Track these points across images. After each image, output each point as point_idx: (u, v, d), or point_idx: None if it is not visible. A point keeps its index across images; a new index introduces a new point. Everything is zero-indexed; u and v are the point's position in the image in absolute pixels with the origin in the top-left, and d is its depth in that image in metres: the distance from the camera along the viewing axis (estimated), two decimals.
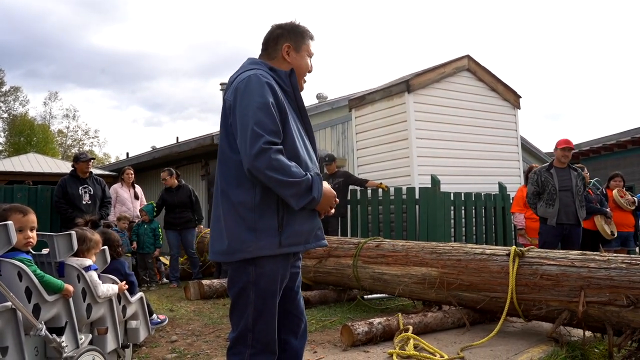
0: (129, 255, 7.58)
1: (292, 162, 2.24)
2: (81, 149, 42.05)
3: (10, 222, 2.75)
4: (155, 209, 8.33)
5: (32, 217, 3.01)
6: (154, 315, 4.52)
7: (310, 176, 2.26)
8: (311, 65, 2.63)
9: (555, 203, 6.42)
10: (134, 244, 7.92)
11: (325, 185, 2.37)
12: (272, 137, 2.19)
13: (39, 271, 2.89)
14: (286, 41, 2.54)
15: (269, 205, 2.27)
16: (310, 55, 2.62)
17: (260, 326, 2.32)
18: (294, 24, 2.59)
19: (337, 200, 2.46)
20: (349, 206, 8.76)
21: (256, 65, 2.45)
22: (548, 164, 6.75)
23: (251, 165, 2.18)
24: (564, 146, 6.51)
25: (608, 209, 7.40)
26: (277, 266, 2.30)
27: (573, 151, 6.60)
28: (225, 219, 2.33)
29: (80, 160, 7.41)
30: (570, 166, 6.57)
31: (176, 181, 8.31)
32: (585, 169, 7.67)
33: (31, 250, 3.15)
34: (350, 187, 8.65)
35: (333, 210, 2.46)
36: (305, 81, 2.65)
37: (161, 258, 8.98)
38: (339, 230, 8.58)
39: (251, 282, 2.29)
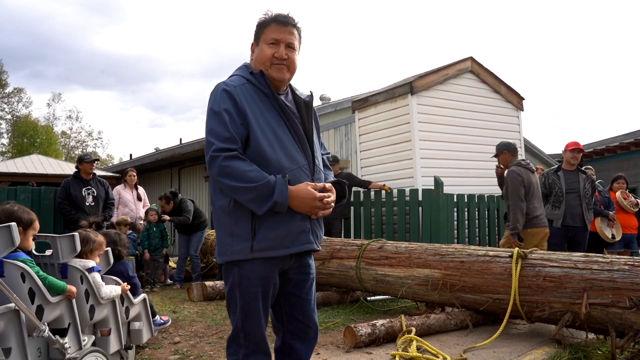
0: (132, 257, 7.58)
1: (254, 167, 2.20)
2: (84, 151, 42.14)
3: (13, 224, 2.77)
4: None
5: None
6: (157, 317, 4.52)
7: (272, 179, 2.19)
8: (276, 52, 2.37)
9: (561, 205, 6.44)
10: (147, 254, 7.92)
11: (302, 185, 2.27)
12: (223, 143, 2.20)
13: (41, 272, 2.91)
14: (254, 39, 2.48)
15: (244, 210, 2.26)
16: (268, 41, 2.37)
17: (248, 326, 2.33)
18: (261, 18, 2.44)
19: (329, 200, 2.33)
20: (352, 208, 8.76)
21: (237, 71, 2.47)
22: (556, 166, 6.76)
23: (208, 173, 2.26)
24: (573, 147, 6.51)
25: (612, 212, 7.37)
26: (255, 270, 2.29)
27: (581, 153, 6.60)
28: (215, 224, 2.41)
29: (85, 160, 7.41)
30: (579, 169, 6.57)
31: (172, 203, 8.32)
32: (592, 170, 7.66)
33: (34, 251, 3.17)
34: (354, 188, 8.64)
35: (328, 211, 2.35)
36: (280, 69, 2.38)
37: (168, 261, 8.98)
38: (342, 231, 8.58)
39: (236, 283, 2.32)
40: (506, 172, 6.05)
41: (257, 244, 2.26)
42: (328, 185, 2.39)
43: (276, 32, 2.39)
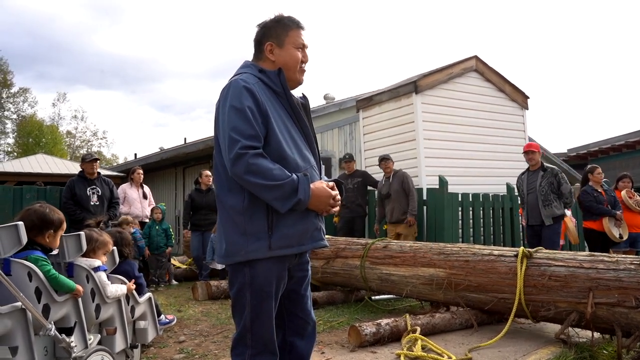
0: (136, 259, 7.58)
1: (276, 165, 2.22)
2: (89, 150, 42.20)
3: (20, 223, 2.78)
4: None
5: None
6: (162, 316, 4.53)
7: (295, 177, 2.23)
8: (303, 56, 2.48)
9: (525, 205, 6.95)
10: (147, 252, 7.89)
11: (318, 184, 2.32)
12: (249, 141, 2.19)
13: (53, 271, 2.92)
14: (268, 40, 2.47)
15: (258, 208, 2.26)
16: (298, 46, 2.46)
17: (257, 327, 2.32)
18: (275, 18, 2.48)
19: (339, 198, 2.38)
20: (371, 206, 8.81)
21: (245, 69, 2.45)
22: (525, 168, 7.17)
23: (231, 171, 2.21)
24: (525, 150, 6.99)
25: (620, 211, 7.36)
26: (271, 268, 2.29)
27: (536, 152, 6.96)
28: (222, 224, 2.37)
29: (85, 160, 7.43)
30: (542, 167, 6.88)
31: (211, 183, 8.37)
32: (600, 169, 7.65)
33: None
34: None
35: (336, 209, 2.40)
36: (302, 72, 2.51)
37: (172, 260, 8.97)
38: (365, 229, 8.62)
39: (247, 284, 2.30)
40: (402, 175, 7.71)
41: (275, 242, 2.26)
42: (333, 183, 2.43)
43: (302, 37, 2.48)
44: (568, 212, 6.75)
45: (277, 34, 2.46)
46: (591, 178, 7.57)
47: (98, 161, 7.57)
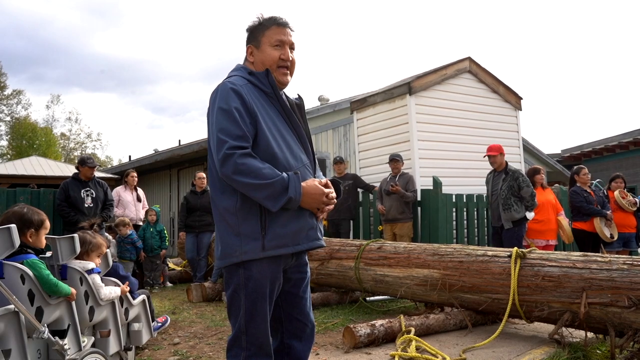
0: (132, 261, 7.57)
1: (266, 164, 2.22)
2: (84, 152, 42.06)
3: (13, 226, 2.77)
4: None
5: None
6: (154, 322, 4.51)
7: (285, 175, 2.23)
8: (282, 53, 2.42)
9: (491, 207, 7.08)
10: (142, 255, 7.86)
11: (310, 182, 2.32)
12: (237, 141, 2.20)
13: (52, 276, 2.91)
14: (248, 43, 2.49)
15: (251, 208, 2.27)
16: (274, 43, 2.42)
17: (252, 328, 2.32)
18: (255, 21, 2.48)
19: (333, 196, 2.37)
20: (360, 208, 8.86)
21: (235, 72, 2.47)
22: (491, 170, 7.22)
23: (220, 172, 2.23)
24: (487, 154, 7.03)
25: (609, 211, 7.39)
26: (265, 269, 2.29)
27: (497, 155, 6.93)
28: (217, 226, 2.38)
29: (87, 165, 7.35)
30: (505, 170, 6.88)
31: (205, 185, 8.34)
32: (586, 169, 7.68)
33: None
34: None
35: (330, 207, 2.39)
36: (284, 74, 2.45)
37: (168, 262, 8.95)
38: (351, 231, 8.62)
39: (241, 285, 2.30)
40: (409, 178, 7.88)
41: (269, 242, 2.26)
42: (327, 181, 2.43)
43: (279, 34, 2.43)
44: (529, 215, 6.69)
45: (255, 35, 2.47)
46: (577, 179, 7.60)
47: (97, 167, 7.56)
